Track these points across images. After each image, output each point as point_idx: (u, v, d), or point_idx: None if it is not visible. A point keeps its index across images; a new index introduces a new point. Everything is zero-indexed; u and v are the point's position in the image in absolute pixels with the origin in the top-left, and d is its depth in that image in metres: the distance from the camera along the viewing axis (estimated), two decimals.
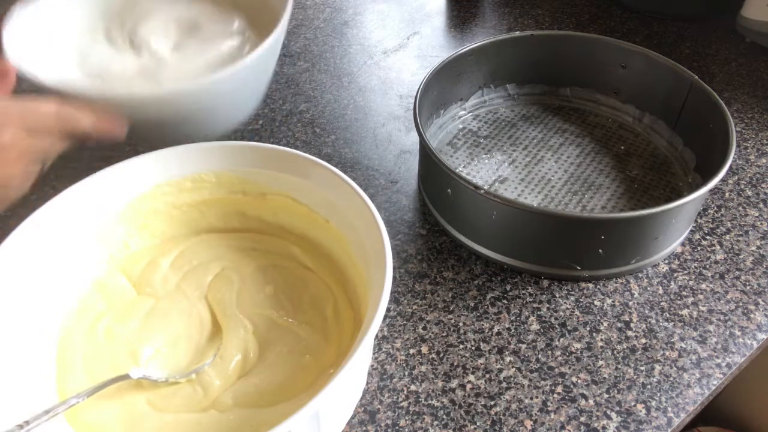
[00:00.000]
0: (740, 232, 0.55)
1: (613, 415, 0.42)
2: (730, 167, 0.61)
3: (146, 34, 0.57)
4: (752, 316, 0.48)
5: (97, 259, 0.48)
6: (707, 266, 0.52)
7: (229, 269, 0.48)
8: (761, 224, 0.56)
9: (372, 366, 0.45)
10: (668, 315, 0.48)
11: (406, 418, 0.42)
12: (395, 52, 0.80)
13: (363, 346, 0.34)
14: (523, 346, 0.46)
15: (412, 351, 0.46)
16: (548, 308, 0.49)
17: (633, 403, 0.43)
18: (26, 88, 0.46)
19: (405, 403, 0.43)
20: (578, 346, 0.46)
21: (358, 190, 0.43)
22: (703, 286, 0.51)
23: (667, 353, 0.46)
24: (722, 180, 0.57)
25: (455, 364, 0.45)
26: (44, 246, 0.43)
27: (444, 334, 0.47)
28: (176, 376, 0.42)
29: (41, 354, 0.42)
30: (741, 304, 0.49)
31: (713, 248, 0.54)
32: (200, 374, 0.42)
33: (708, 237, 0.55)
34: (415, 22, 0.85)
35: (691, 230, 0.55)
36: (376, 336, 0.47)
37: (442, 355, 0.46)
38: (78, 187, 0.45)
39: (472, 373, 0.45)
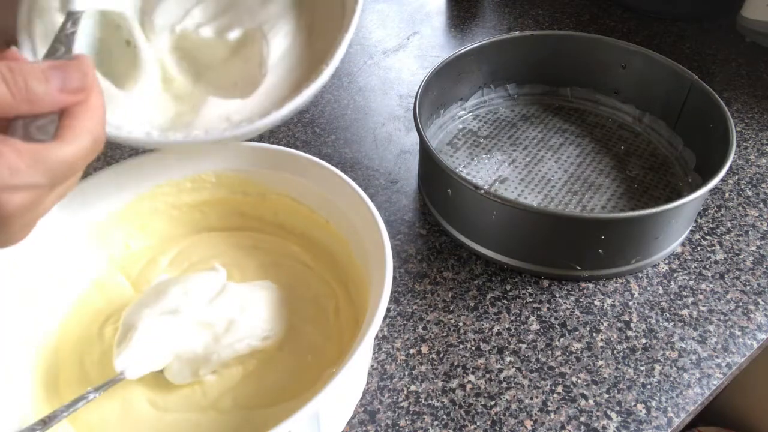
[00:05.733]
0: (740, 232, 0.55)
1: (613, 415, 0.42)
2: (730, 167, 0.61)
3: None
4: (752, 316, 0.48)
5: (96, 259, 0.48)
6: (707, 266, 0.52)
7: (229, 266, 0.48)
8: (761, 224, 0.56)
9: (372, 366, 0.45)
10: (668, 315, 0.48)
11: (406, 418, 0.42)
12: (395, 52, 0.80)
13: (363, 346, 0.34)
14: (523, 346, 0.46)
15: (412, 351, 0.46)
16: (548, 308, 0.49)
17: (633, 403, 0.43)
18: None
19: (405, 403, 0.43)
20: (578, 346, 0.46)
21: (358, 190, 0.43)
22: (703, 286, 0.51)
23: (667, 353, 0.46)
24: (722, 180, 0.57)
25: (455, 364, 0.45)
26: (44, 246, 0.43)
27: (444, 334, 0.47)
28: None
29: (40, 354, 0.42)
30: (741, 304, 0.49)
31: (713, 248, 0.54)
32: None
33: (708, 237, 0.55)
34: (415, 22, 0.85)
35: (691, 230, 0.55)
36: (376, 336, 0.47)
37: (442, 355, 0.46)
38: (77, 187, 0.45)
39: (472, 373, 0.45)
